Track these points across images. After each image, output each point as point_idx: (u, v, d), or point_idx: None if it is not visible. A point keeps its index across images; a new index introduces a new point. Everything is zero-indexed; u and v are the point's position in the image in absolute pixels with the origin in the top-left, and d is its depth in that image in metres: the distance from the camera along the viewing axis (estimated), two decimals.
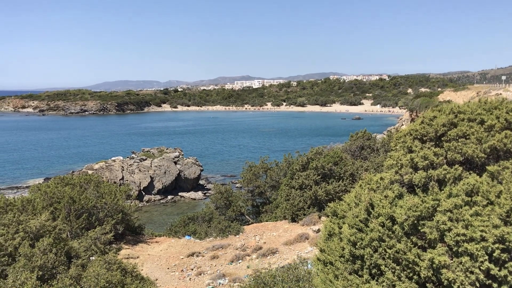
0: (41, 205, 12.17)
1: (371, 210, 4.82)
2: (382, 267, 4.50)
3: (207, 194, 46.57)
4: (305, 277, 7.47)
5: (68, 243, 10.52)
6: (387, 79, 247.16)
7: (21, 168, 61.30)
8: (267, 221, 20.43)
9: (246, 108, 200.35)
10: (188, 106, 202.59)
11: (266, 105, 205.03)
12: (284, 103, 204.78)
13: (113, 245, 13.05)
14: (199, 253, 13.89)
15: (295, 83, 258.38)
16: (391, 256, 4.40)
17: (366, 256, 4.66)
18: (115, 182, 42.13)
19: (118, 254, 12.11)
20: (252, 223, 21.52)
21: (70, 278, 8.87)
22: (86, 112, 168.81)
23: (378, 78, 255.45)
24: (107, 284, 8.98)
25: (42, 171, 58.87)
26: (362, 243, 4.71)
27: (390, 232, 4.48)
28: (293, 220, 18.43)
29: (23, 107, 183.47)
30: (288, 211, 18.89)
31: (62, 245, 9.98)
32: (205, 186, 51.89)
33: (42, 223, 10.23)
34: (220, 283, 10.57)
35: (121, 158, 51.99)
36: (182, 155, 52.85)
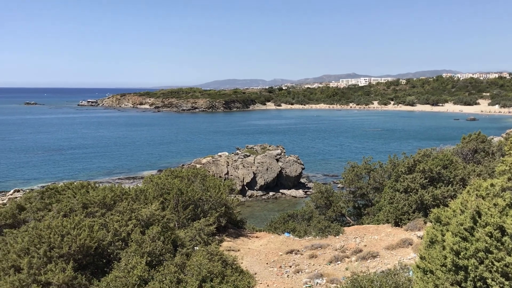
0: (152, 195, 13.11)
1: (477, 218, 4.48)
2: (489, 281, 4.18)
3: (308, 193, 46.55)
4: (405, 285, 7.17)
5: (174, 232, 11.21)
6: (508, 77, 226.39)
7: (136, 160, 66.32)
8: (368, 223, 19.90)
9: (350, 107, 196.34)
10: (292, 104, 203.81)
11: (372, 103, 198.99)
12: (392, 102, 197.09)
13: (216, 236, 13.63)
14: (298, 251, 13.97)
15: (404, 81, 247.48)
16: (499, 269, 4.07)
17: (470, 268, 4.36)
18: (220, 177, 43.87)
19: (220, 245, 12.62)
20: (352, 224, 21.10)
21: (175, 265, 9.45)
22: (197, 110, 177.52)
23: (497, 76, 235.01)
24: (209, 274, 9.41)
25: (155, 164, 63.15)
26: (466, 253, 4.40)
27: (499, 244, 4.14)
28: (396, 224, 17.74)
29: (141, 103, 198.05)
30: (391, 214, 18.21)
31: (169, 233, 10.66)
32: (306, 184, 51.90)
33: (152, 212, 11.02)
34: (317, 282, 10.55)
35: (227, 153, 53.94)
36: (284, 152, 53.38)
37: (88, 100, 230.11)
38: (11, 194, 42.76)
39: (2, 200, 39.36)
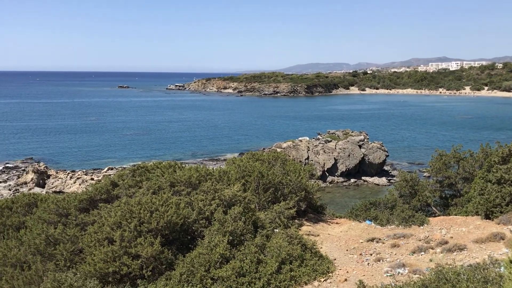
0: (235, 177, 13.43)
1: None
2: None
3: (391, 181, 45.14)
4: (495, 280, 6.73)
5: (255, 214, 11.43)
6: None
7: (218, 143, 68.22)
8: (456, 214, 18.89)
9: (440, 92, 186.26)
10: (377, 89, 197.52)
11: (464, 89, 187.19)
12: (486, 88, 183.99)
13: (296, 220, 13.69)
14: (379, 239, 13.65)
15: (501, 65, 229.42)
16: None
17: None
18: (300, 161, 43.85)
19: (300, 230, 12.67)
20: (438, 215, 20.16)
21: (256, 246, 9.65)
22: (278, 94, 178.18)
23: None
24: (288, 257, 9.51)
25: (236, 147, 64.56)
26: None
27: None
28: (487, 217, 16.66)
29: (224, 88, 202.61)
30: (481, 206, 17.13)
31: (250, 214, 10.89)
32: (390, 172, 50.32)
33: (234, 193, 11.31)
34: (399, 272, 10.25)
35: (307, 138, 53.72)
36: (367, 139, 52.05)
37: (176, 84, 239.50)
38: (105, 172, 45.96)
39: (97, 177, 42.47)
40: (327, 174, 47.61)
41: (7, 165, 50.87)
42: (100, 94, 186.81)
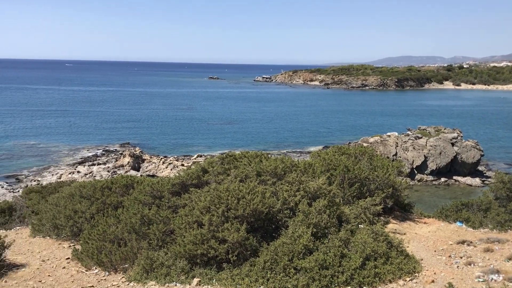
0: (320, 169, 13.41)
1: None
2: None
3: (486, 182, 42.31)
4: None
5: (340, 208, 11.35)
6: None
7: (301, 135, 68.15)
8: None
9: None
10: (473, 84, 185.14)
11: None
12: None
13: (381, 217, 13.38)
14: (471, 242, 12.93)
15: None
16: None
17: None
18: (387, 157, 42.53)
19: (386, 227, 12.38)
20: None
21: (339, 240, 9.60)
22: (366, 87, 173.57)
23: None
24: (372, 253, 9.36)
25: (321, 140, 64.09)
26: None
27: None
28: None
29: (311, 80, 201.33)
30: None
31: (335, 208, 10.84)
32: (484, 173, 47.16)
33: (319, 186, 11.31)
34: (492, 278, 9.67)
35: (396, 134, 51.91)
36: (461, 137, 49.13)
37: (263, 76, 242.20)
38: (195, 158, 47.94)
39: (187, 163, 44.42)
40: (416, 172, 45.73)
41: (107, 148, 54.88)
42: (191, 84, 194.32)
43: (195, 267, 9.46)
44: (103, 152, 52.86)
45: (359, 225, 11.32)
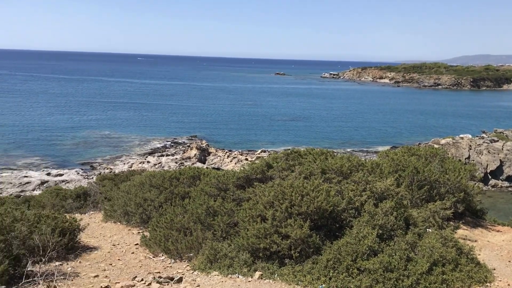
0: (388, 170, 13.05)
1: None
2: None
3: None
4: None
5: (407, 210, 10.99)
6: None
7: (368, 134, 66.61)
8: None
9: None
10: None
11: None
12: None
13: (451, 222, 12.82)
14: None
15: None
16: None
17: None
18: (459, 160, 40.61)
19: (455, 232, 11.84)
20: None
21: (406, 243, 9.31)
22: (439, 86, 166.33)
23: None
24: (440, 259, 9.00)
25: (388, 140, 62.34)
26: None
27: None
28: None
29: (380, 77, 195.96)
30: None
31: (402, 210, 10.51)
32: None
33: (386, 187, 11.02)
34: None
35: (469, 136, 49.43)
36: None
37: (331, 72, 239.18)
38: (259, 153, 48.37)
39: (251, 158, 44.91)
40: (490, 177, 43.30)
41: (175, 140, 56.72)
42: (257, 80, 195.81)
43: (257, 260, 9.56)
44: (172, 144, 54.67)
45: (427, 229, 10.91)
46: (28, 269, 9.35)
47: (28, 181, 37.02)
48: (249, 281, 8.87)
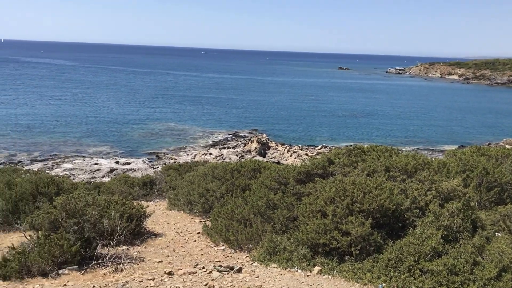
0: (455, 170, 12.55)
1: None
2: None
3: None
4: None
5: (475, 212, 10.53)
6: None
7: (432, 133, 64.05)
8: None
9: None
10: None
11: None
12: None
13: None
14: None
15: None
16: None
17: None
18: None
19: None
20: None
21: (473, 246, 8.94)
22: None
23: None
24: (511, 264, 8.57)
25: (454, 138, 59.76)
26: None
27: None
28: None
29: (449, 74, 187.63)
30: None
31: (469, 212, 10.09)
32: None
33: (453, 187, 10.61)
34: None
35: None
36: None
37: (396, 67, 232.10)
38: (319, 149, 48.02)
39: (311, 153, 44.67)
40: None
41: (236, 133, 57.53)
42: (319, 74, 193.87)
43: (316, 255, 9.57)
44: (233, 137, 55.51)
45: (496, 233, 10.41)
46: (98, 251, 9.92)
47: (98, 168, 39.05)
48: (308, 276, 8.91)
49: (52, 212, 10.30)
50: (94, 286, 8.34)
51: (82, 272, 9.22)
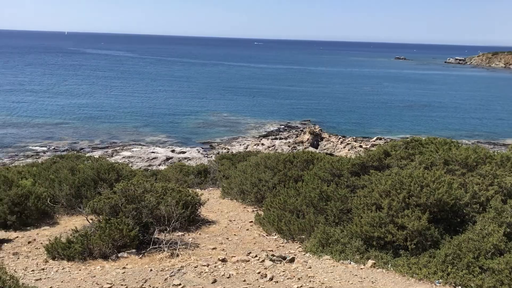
0: None
1: None
2: None
3: None
4: None
5: None
6: None
7: (492, 126, 61.04)
8: None
9: None
10: None
11: None
12: None
13: None
14: None
15: None
16: None
17: None
18: None
19: None
20: None
21: None
22: None
23: None
24: None
25: None
26: None
27: None
28: None
29: None
30: None
31: None
32: None
33: None
34: None
35: None
36: None
37: (456, 57, 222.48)
38: (374, 141, 47.06)
39: (365, 145, 43.88)
40: None
41: (289, 124, 57.44)
42: (374, 64, 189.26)
43: (370, 248, 9.44)
44: (285, 128, 55.46)
45: None
46: (155, 236, 10.26)
47: (155, 156, 40.29)
48: (361, 269, 8.82)
49: (113, 198, 10.74)
50: (151, 270, 8.66)
51: (140, 256, 9.59)
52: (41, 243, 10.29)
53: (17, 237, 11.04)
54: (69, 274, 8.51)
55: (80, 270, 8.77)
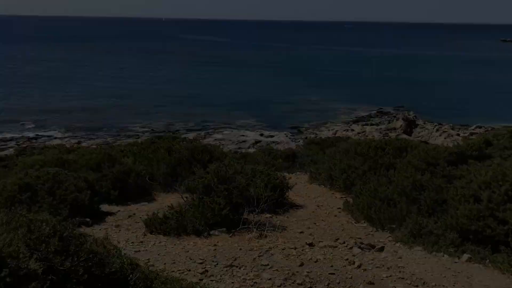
0: None
1: None
2: None
3: None
4: None
5: None
6: None
7: None
8: None
9: None
10: None
11: None
12: None
13: None
14: None
15: None
16: None
17: None
18: None
19: None
20: None
21: None
22: None
23: None
24: None
25: None
26: None
27: None
28: None
29: None
30: None
31: None
32: None
33: None
34: None
35: None
36: None
37: None
38: (473, 129, 44.15)
39: (464, 133, 41.30)
40: None
41: (381, 110, 55.66)
42: (476, 48, 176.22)
43: (466, 242, 8.95)
44: (377, 114, 53.86)
45: None
46: (244, 217, 10.56)
47: (244, 139, 41.25)
48: (456, 262, 8.41)
49: (206, 177, 11.19)
50: (240, 249, 8.96)
51: (230, 235, 9.93)
52: (140, 217, 11.01)
53: (119, 211, 11.93)
54: (164, 248, 9.06)
55: (175, 244, 9.29)
